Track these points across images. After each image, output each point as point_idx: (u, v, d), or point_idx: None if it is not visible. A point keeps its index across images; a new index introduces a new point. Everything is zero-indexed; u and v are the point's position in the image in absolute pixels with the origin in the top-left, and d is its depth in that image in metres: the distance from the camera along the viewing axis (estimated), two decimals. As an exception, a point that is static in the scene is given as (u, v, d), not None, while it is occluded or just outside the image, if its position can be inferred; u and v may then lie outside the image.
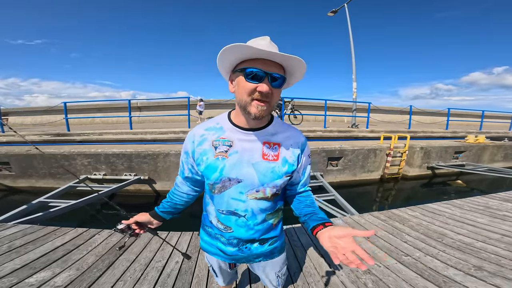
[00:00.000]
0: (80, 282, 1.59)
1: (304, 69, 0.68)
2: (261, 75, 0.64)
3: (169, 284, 1.60)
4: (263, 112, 0.67)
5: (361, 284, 1.60)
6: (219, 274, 1.02)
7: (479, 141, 7.26)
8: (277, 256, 0.93)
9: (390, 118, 12.10)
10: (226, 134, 0.77)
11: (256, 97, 0.66)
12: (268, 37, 0.68)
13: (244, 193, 0.76)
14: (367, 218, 2.65)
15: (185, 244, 2.10)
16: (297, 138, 0.81)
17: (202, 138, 0.79)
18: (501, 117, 15.23)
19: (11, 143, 6.14)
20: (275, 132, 0.78)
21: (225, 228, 0.82)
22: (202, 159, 0.78)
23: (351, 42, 8.87)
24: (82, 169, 4.97)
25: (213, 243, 0.89)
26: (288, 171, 0.78)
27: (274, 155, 0.76)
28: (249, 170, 0.75)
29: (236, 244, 0.84)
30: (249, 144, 0.76)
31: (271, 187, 0.77)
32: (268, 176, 0.75)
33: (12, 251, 1.93)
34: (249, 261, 0.90)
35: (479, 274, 1.66)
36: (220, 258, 0.90)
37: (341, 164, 5.67)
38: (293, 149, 0.79)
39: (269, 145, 0.77)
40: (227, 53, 0.64)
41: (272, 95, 0.67)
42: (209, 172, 0.77)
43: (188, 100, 7.69)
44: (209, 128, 0.81)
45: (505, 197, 3.35)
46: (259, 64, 0.64)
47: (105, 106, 11.64)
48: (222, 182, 0.76)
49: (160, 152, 4.84)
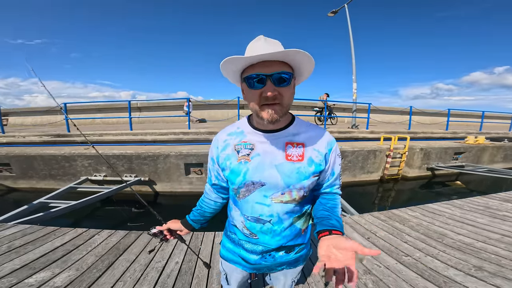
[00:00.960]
0: (80, 282, 1.58)
1: (308, 58, 0.63)
2: (263, 79, 0.62)
3: (169, 285, 1.60)
4: (274, 115, 0.65)
5: (361, 284, 1.59)
6: (234, 284, 0.95)
7: (479, 142, 7.26)
8: (301, 264, 0.89)
9: (390, 118, 12.11)
10: (248, 138, 0.76)
11: (264, 102, 0.64)
12: (262, 36, 0.67)
13: (268, 197, 0.74)
14: (367, 218, 2.65)
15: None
16: (323, 137, 0.77)
17: (225, 143, 0.79)
18: (501, 118, 15.24)
19: (11, 144, 6.15)
20: (297, 132, 0.75)
21: (250, 234, 0.79)
22: (226, 164, 0.78)
23: (351, 43, 8.89)
24: (82, 170, 4.97)
25: (235, 250, 0.85)
26: (316, 171, 0.74)
27: (299, 155, 0.73)
28: (272, 172, 0.72)
29: (260, 252, 0.80)
30: (270, 145, 0.73)
31: (298, 188, 0.73)
32: (293, 177, 0.72)
33: (12, 251, 1.93)
34: (271, 270, 0.87)
35: (479, 275, 1.66)
36: (241, 267, 0.86)
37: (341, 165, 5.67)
38: (319, 148, 0.75)
39: (292, 145, 0.73)
40: (225, 68, 0.65)
41: (281, 96, 0.64)
42: (233, 176, 0.76)
43: (188, 101, 7.71)
44: (230, 133, 0.80)
45: (505, 197, 3.35)
46: (259, 68, 0.62)
47: (105, 107, 11.64)
48: (246, 186, 0.74)
49: (160, 154, 4.84)
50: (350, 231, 2.37)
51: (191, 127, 7.04)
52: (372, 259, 1.89)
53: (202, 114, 11.25)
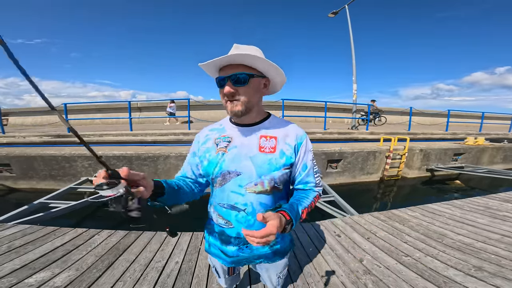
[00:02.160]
0: (80, 282, 1.58)
1: (264, 60, 0.70)
2: (222, 81, 0.73)
3: (169, 285, 1.60)
4: (235, 108, 0.74)
5: (361, 284, 1.59)
6: (222, 275, 1.03)
7: (479, 143, 7.27)
8: (278, 259, 0.92)
9: (390, 119, 12.11)
10: (227, 133, 0.84)
11: (227, 99, 0.74)
12: (235, 44, 0.76)
13: (243, 186, 0.78)
14: (367, 219, 2.65)
15: (185, 244, 2.10)
16: (295, 131, 0.83)
17: (206, 138, 0.87)
18: (501, 118, 15.25)
19: (11, 145, 6.15)
20: (271, 126, 0.83)
21: (226, 223, 0.83)
22: (205, 156, 0.84)
23: (351, 44, 8.90)
24: (82, 171, 4.97)
25: (215, 244, 0.89)
26: (286, 164, 0.79)
27: (271, 147, 0.79)
28: (247, 163, 0.78)
29: (237, 243, 0.84)
30: (247, 138, 0.81)
31: (269, 179, 0.77)
32: (264, 167, 0.77)
33: (12, 251, 1.93)
34: (250, 262, 0.90)
35: (479, 275, 1.66)
36: (221, 261, 0.90)
37: (341, 166, 5.67)
38: (289, 142, 0.81)
39: (266, 138, 0.80)
40: (207, 71, 0.77)
41: (239, 93, 0.73)
42: (211, 166, 0.82)
43: (188, 101, 7.71)
44: (213, 129, 0.89)
45: (505, 198, 3.35)
46: (222, 71, 0.74)
47: (105, 107, 11.65)
48: (222, 175, 0.80)
49: (160, 154, 4.84)
50: (350, 231, 2.37)
51: (168, 127, 6.97)
52: (372, 259, 1.89)
53: (202, 115, 11.25)
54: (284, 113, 7.18)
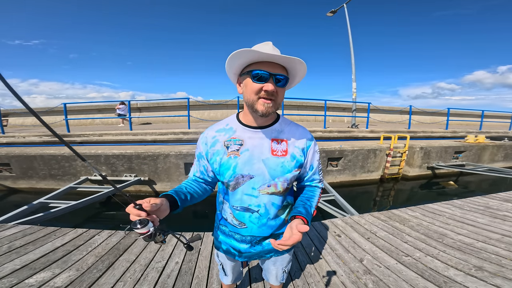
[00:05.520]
0: (80, 282, 1.58)
1: (305, 70, 0.73)
2: (266, 76, 0.70)
3: (169, 285, 1.60)
4: (269, 109, 0.72)
5: (362, 284, 1.59)
6: (229, 272, 1.06)
7: (479, 141, 7.26)
8: (286, 252, 1.00)
9: (390, 118, 12.10)
10: (237, 134, 0.82)
11: (262, 96, 0.72)
12: (270, 42, 0.74)
13: (256, 189, 0.80)
14: (367, 219, 2.65)
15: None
16: (303, 135, 0.86)
17: (214, 140, 0.84)
18: (501, 117, 15.22)
19: (11, 144, 6.15)
20: (281, 129, 0.84)
21: (239, 224, 0.86)
22: (215, 159, 0.83)
23: (350, 42, 8.88)
24: (82, 170, 4.97)
25: (227, 241, 0.92)
26: (297, 166, 0.83)
27: (283, 151, 0.81)
28: (259, 165, 0.79)
29: (249, 241, 0.88)
30: (258, 141, 0.81)
31: (282, 181, 0.81)
32: (278, 170, 0.80)
33: (12, 251, 1.93)
34: (261, 257, 0.95)
35: (480, 275, 1.66)
36: (232, 256, 0.94)
37: (341, 164, 5.67)
38: (299, 145, 0.84)
39: (277, 141, 0.82)
40: (235, 58, 0.70)
41: (277, 94, 0.73)
42: (223, 170, 0.82)
43: (188, 101, 7.70)
44: (219, 129, 0.86)
45: (505, 197, 3.35)
46: (264, 66, 0.70)
47: (105, 107, 11.64)
48: (236, 179, 0.81)
49: (160, 153, 4.84)
50: (350, 231, 2.37)
51: (134, 128, 6.83)
52: (372, 259, 1.89)
53: (202, 115, 11.24)
54: (284, 113, 7.16)
